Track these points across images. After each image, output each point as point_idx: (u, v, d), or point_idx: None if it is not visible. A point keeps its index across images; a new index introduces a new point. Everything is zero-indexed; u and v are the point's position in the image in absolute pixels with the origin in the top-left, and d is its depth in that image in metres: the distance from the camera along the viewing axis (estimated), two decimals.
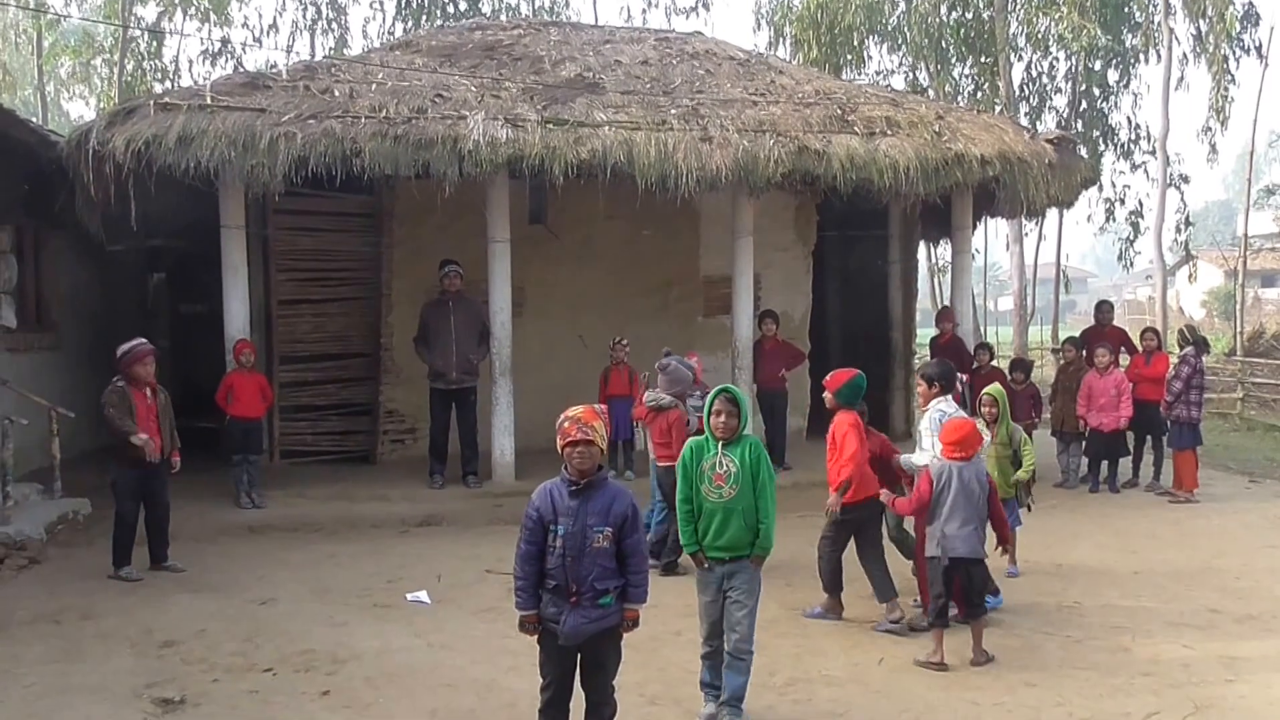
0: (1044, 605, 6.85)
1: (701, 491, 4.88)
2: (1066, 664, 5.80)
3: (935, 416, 6.40)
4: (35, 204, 10.40)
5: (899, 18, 23.49)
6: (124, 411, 7.35)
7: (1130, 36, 22.60)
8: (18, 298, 10.95)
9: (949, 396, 6.53)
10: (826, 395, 6.57)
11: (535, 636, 4.28)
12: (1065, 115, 23.57)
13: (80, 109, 29.61)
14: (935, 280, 25.60)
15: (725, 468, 4.84)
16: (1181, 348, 10.89)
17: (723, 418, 4.88)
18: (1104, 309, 11.97)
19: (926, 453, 6.42)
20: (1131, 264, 26.23)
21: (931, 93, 22.59)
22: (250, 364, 9.48)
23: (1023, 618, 6.57)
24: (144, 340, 7.74)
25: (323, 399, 11.48)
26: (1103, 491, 10.72)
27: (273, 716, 5.02)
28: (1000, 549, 6.40)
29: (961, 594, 5.88)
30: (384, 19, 28.41)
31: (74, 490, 9.50)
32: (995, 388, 7.36)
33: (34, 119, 14.70)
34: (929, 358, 12.27)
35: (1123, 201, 24.22)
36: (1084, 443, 10.95)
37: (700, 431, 5.09)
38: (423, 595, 7.00)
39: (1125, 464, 11.04)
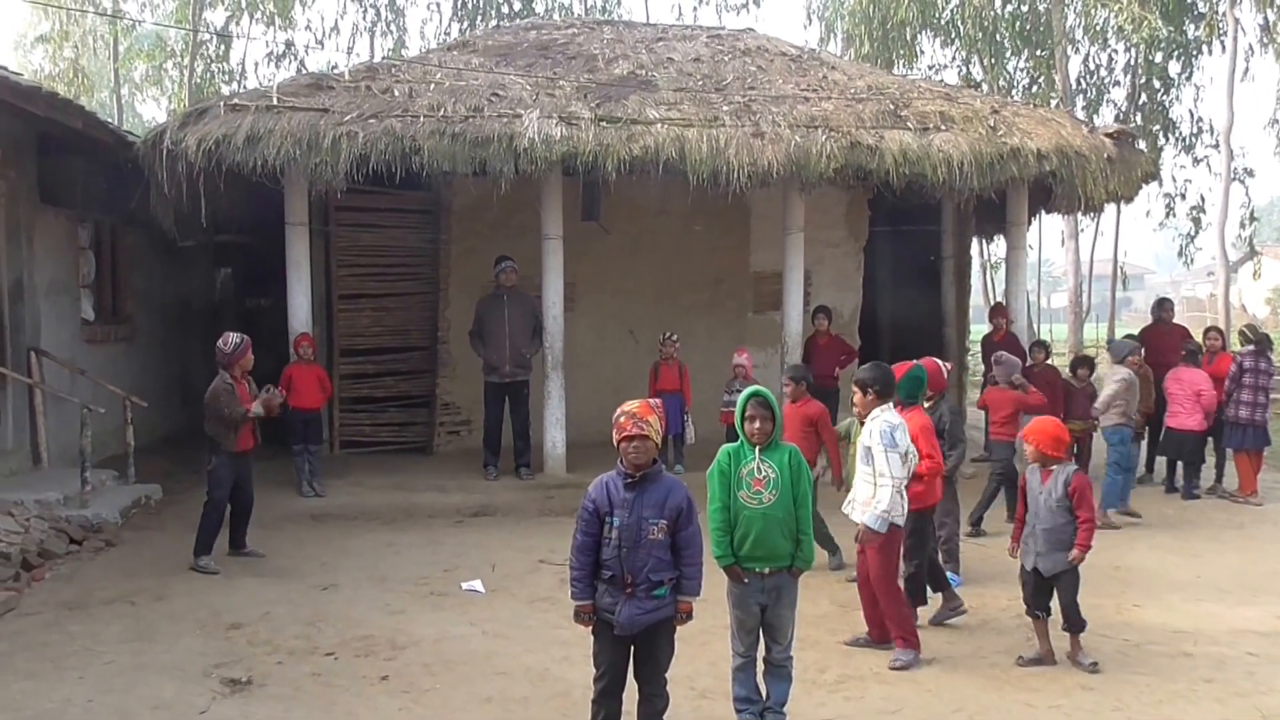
0: (1102, 607, 6.67)
1: (739, 498, 4.67)
2: (1125, 668, 5.68)
3: (883, 430, 5.53)
4: (112, 201, 10.77)
5: (952, 11, 23.24)
6: (234, 403, 7.62)
7: (1193, 27, 22.12)
8: (95, 291, 11.37)
9: (889, 405, 5.71)
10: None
11: (589, 627, 4.36)
12: (1124, 109, 23.18)
13: (152, 110, 30.42)
14: (987, 276, 25.34)
15: (764, 473, 4.67)
16: (1243, 347, 10.72)
17: (756, 423, 4.69)
18: (1165, 307, 11.72)
19: (887, 480, 5.47)
20: (1192, 260, 25.75)
21: (985, 87, 22.34)
22: (309, 356, 9.73)
23: None
24: (244, 335, 8.02)
25: (381, 391, 11.75)
26: (1173, 497, 10.32)
27: (334, 699, 5.17)
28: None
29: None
30: (441, 20, 28.86)
31: (147, 476, 9.88)
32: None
33: (110, 120, 15.14)
34: (982, 354, 12.25)
35: (1183, 196, 23.79)
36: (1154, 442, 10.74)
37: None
38: (477, 584, 7.16)
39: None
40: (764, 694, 4.81)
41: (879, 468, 5.52)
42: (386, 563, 7.77)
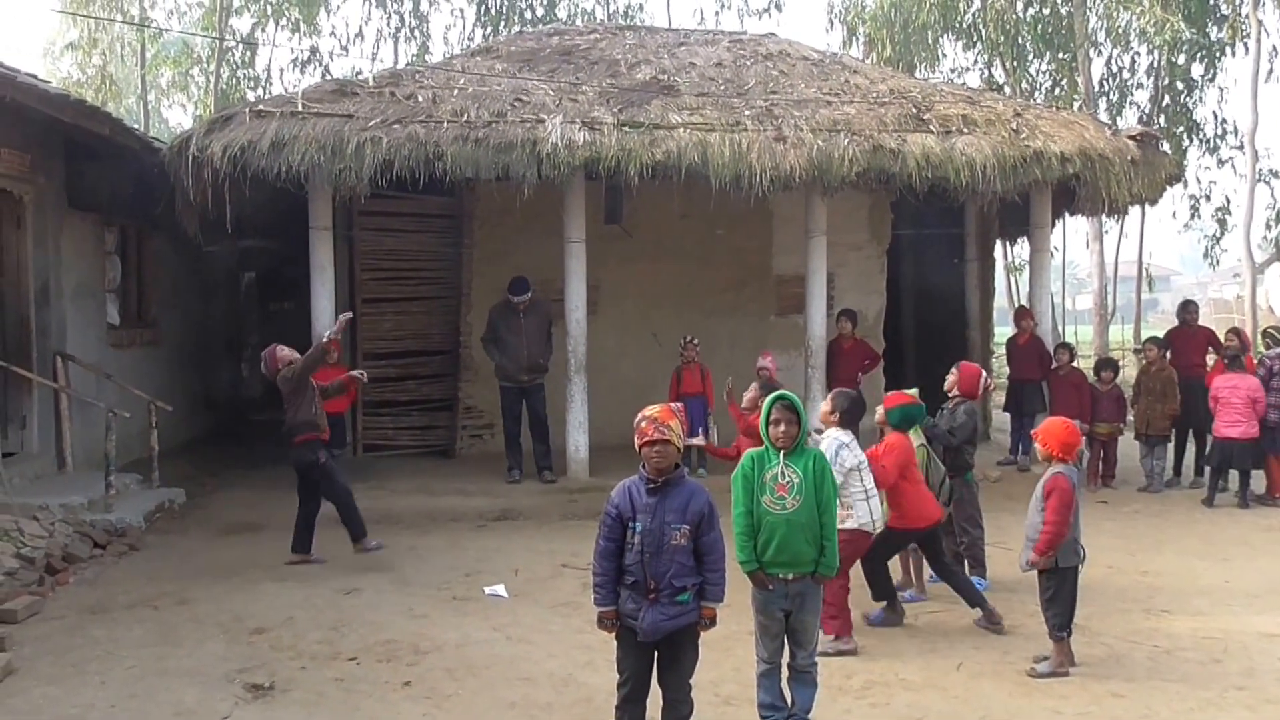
0: (1130, 613, 6.65)
1: (763, 503, 4.63)
2: (1155, 675, 5.60)
3: (832, 447, 5.69)
4: (138, 206, 10.86)
5: (974, 14, 23.10)
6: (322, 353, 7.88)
7: (1216, 29, 21.94)
8: (121, 296, 11.47)
9: (850, 431, 5.86)
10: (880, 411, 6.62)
11: (613, 633, 4.34)
12: (1147, 111, 22.98)
13: (179, 116, 30.72)
14: (1011, 279, 25.18)
15: (789, 478, 4.62)
16: (1269, 350, 10.59)
17: (782, 427, 4.65)
18: (1190, 309, 11.60)
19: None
20: (1218, 262, 25.51)
21: (1008, 90, 22.20)
22: (334, 360, 9.76)
23: (1108, 626, 6.39)
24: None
25: (404, 395, 11.78)
26: (1228, 506, 9.96)
27: (357, 705, 5.15)
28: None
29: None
30: (464, 26, 29.02)
31: (170, 480, 9.95)
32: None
33: (138, 126, 15.30)
34: (1007, 357, 12.18)
35: (1208, 198, 23.56)
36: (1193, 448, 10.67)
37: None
38: (500, 589, 7.15)
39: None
40: (789, 700, 4.77)
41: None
42: (409, 567, 7.77)
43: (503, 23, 25.71)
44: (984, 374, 7.27)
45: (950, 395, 7.29)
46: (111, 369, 10.43)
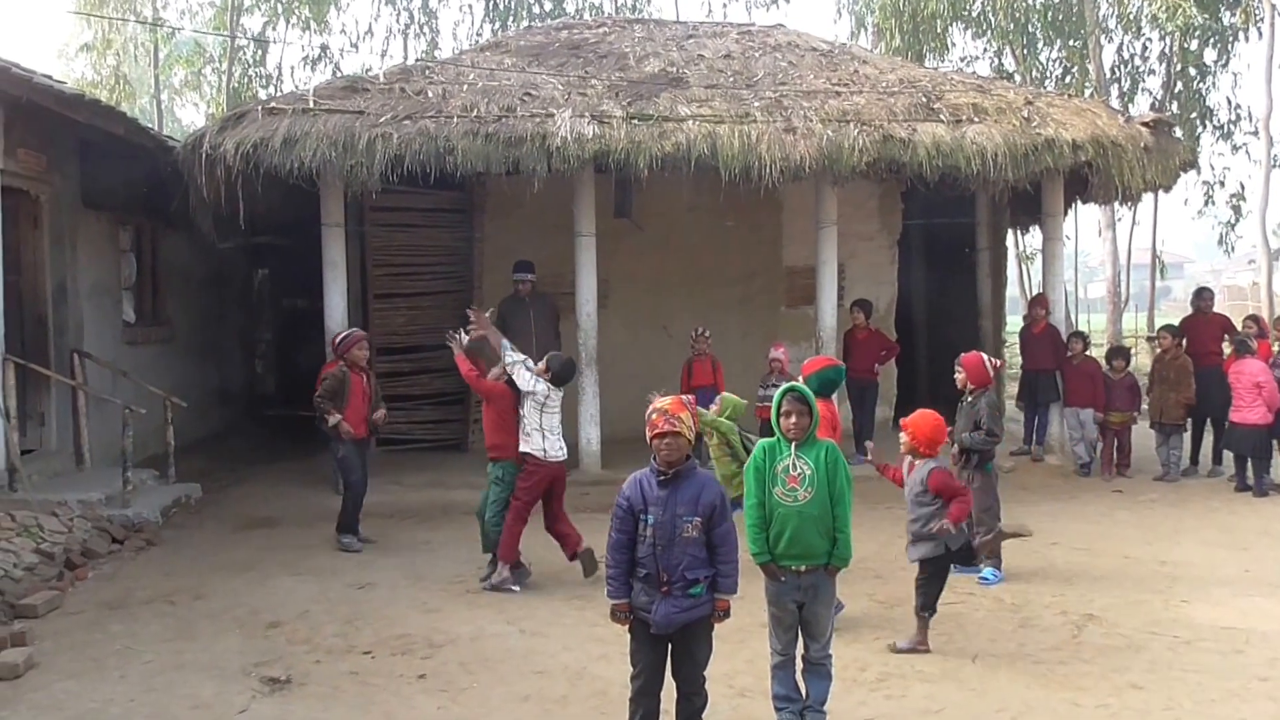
0: (1149, 603, 6.61)
1: (774, 495, 4.60)
2: (1175, 665, 5.55)
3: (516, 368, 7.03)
4: (152, 205, 10.91)
5: (983, 3, 22.97)
6: (339, 393, 8.02)
7: (1228, 14, 21.77)
8: (136, 293, 11.54)
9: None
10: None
11: (626, 625, 4.35)
12: (1160, 97, 22.81)
13: (192, 115, 30.80)
14: (1023, 268, 25.08)
15: (800, 470, 4.58)
16: None
17: (793, 418, 4.60)
18: (1204, 296, 11.52)
19: None
20: (1232, 249, 25.32)
21: (1018, 78, 22.09)
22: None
23: (1126, 616, 6.36)
24: (357, 328, 8.42)
25: (417, 389, 11.81)
26: (1246, 495, 9.91)
27: (372, 698, 5.19)
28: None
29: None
30: (473, 22, 28.95)
31: (186, 476, 10.02)
32: (732, 400, 6.90)
33: (151, 125, 15.39)
34: (1021, 347, 12.13)
35: (1222, 184, 23.37)
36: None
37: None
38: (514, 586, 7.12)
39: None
40: (804, 692, 4.77)
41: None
42: (423, 561, 7.82)
43: (511, 18, 25.73)
44: (984, 357, 7.27)
45: (967, 391, 7.26)
46: (127, 366, 10.50)
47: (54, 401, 9.58)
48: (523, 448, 7.07)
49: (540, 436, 7.08)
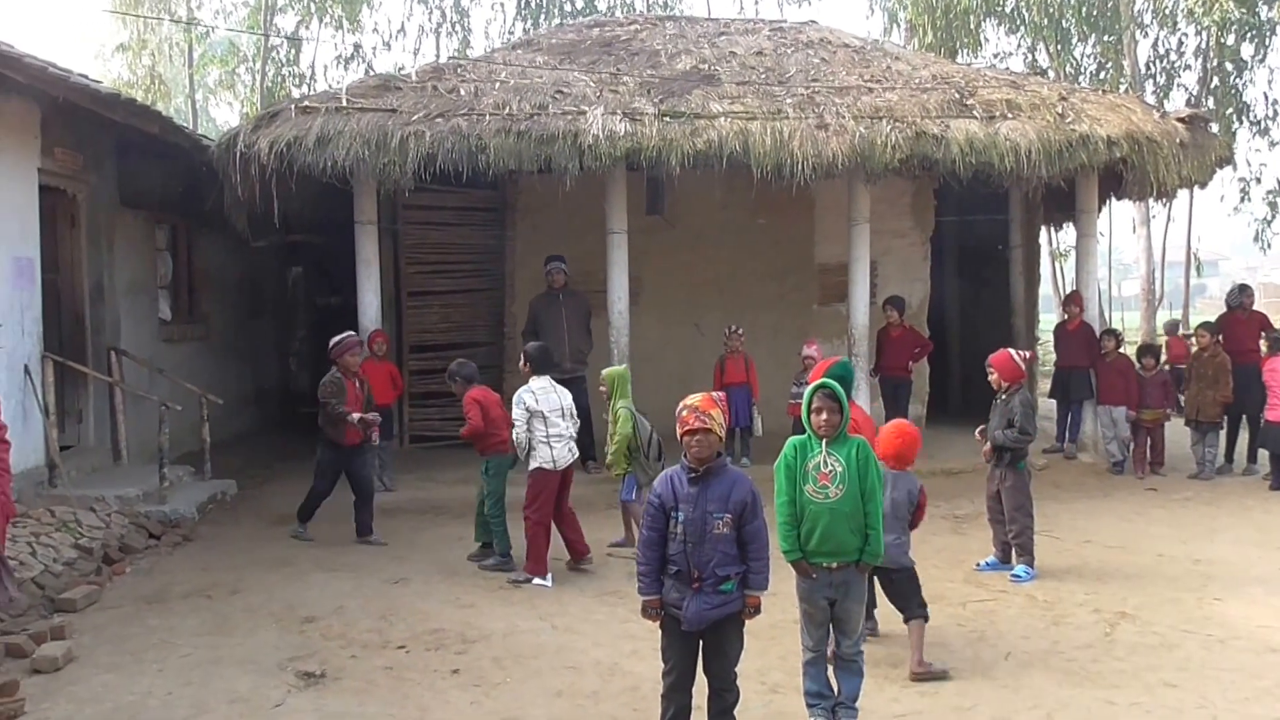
0: (1183, 601, 6.56)
1: (805, 492, 4.60)
2: (1209, 664, 5.52)
3: (516, 396, 7.22)
4: (188, 203, 11.04)
5: None
6: (340, 398, 8.09)
7: (1266, 8, 21.43)
8: (172, 291, 11.68)
9: (543, 378, 7.31)
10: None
11: (657, 621, 4.35)
12: (1195, 92, 22.51)
13: (226, 114, 31.15)
14: (1056, 265, 24.83)
15: (831, 467, 4.58)
16: None
17: (824, 415, 4.60)
18: (1246, 293, 11.32)
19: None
20: (1269, 246, 24.93)
21: (1052, 74, 21.87)
22: (383, 353, 9.88)
23: (1160, 615, 6.32)
24: (353, 333, 8.58)
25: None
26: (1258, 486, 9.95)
27: (406, 693, 5.23)
28: None
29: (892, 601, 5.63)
30: (505, 19, 29.16)
31: (222, 472, 10.11)
32: (610, 371, 7.91)
33: (186, 125, 15.56)
34: (1055, 343, 12.04)
35: (1259, 180, 23.03)
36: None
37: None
38: (545, 580, 7.17)
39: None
40: (835, 689, 4.76)
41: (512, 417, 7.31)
42: (456, 557, 7.85)
43: (543, 16, 25.79)
44: (1012, 353, 7.21)
45: (1001, 389, 7.20)
46: (164, 364, 10.63)
47: (92, 399, 9.71)
48: (532, 465, 7.23)
49: (547, 447, 7.21)
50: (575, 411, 7.56)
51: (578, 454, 7.53)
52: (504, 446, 7.55)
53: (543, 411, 7.20)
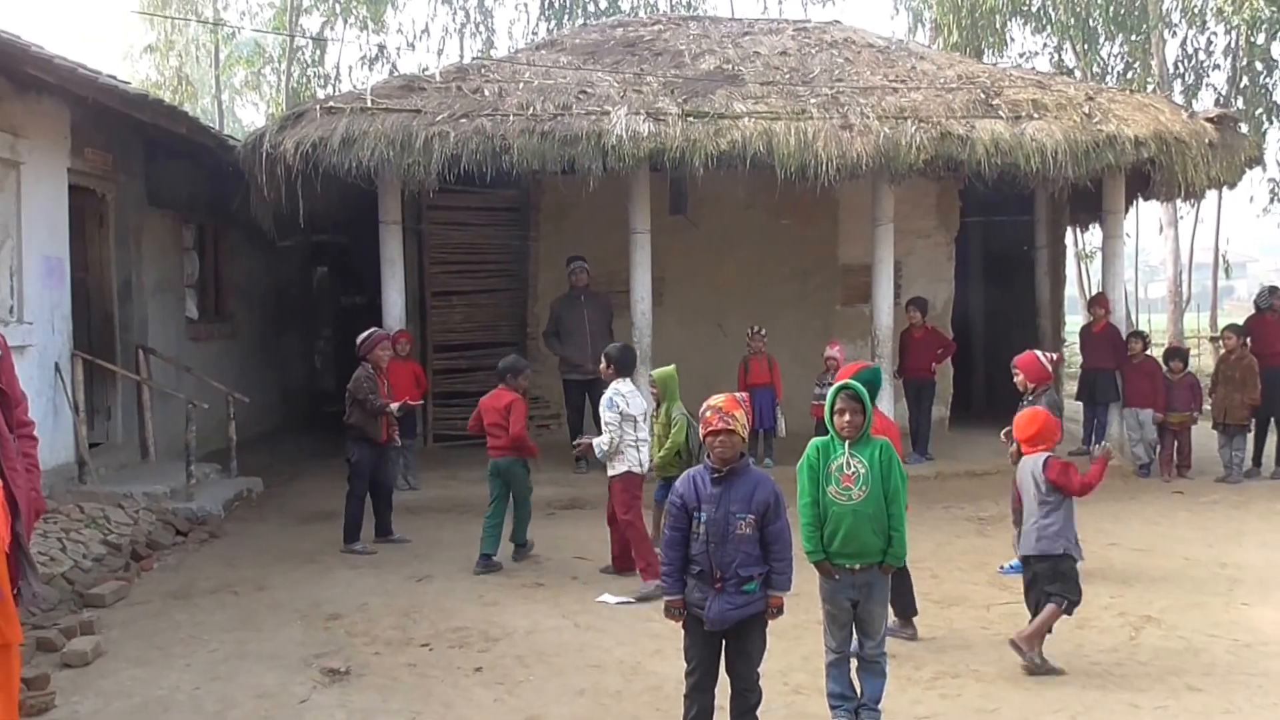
0: (1209, 606, 6.51)
1: (828, 494, 4.59)
2: (1235, 669, 5.47)
3: (610, 396, 7.13)
4: (214, 203, 11.13)
5: None
6: (376, 392, 8.11)
7: None
8: (199, 290, 11.78)
9: (626, 379, 7.30)
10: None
11: (679, 621, 4.36)
12: (1224, 92, 22.28)
13: (252, 115, 31.35)
14: (1082, 266, 24.63)
15: (854, 469, 4.56)
16: None
17: (846, 416, 4.58)
18: (1275, 295, 11.09)
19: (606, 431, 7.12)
20: None
21: (1078, 73, 21.72)
22: (406, 353, 9.94)
23: (1186, 619, 6.27)
24: (379, 328, 8.58)
25: (474, 386, 11.85)
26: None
27: (430, 690, 5.25)
28: None
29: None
30: (528, 20, 29.24)
31: (248, 470, 10.21)
32: (660, 372, 7.55)
33: (213, 125, 15.70)
34: (1081, 345, 11.96)
35: None
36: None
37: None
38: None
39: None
40: (858, 690, 4.76)
41: (603, 420, 7.17)
42: (479, 554, 7.87)
43: (566, 16, 25.84)
44: (1038, 354, 7.17)
45: (1028, 391, 7.16)
46: (191, 362, 10.73)
47: (120, 396, 9.82)
48: (620, 468, 7.13)
49: (635, 450, 7.16)
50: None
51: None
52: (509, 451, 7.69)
53: (634, 415, 7.15)
